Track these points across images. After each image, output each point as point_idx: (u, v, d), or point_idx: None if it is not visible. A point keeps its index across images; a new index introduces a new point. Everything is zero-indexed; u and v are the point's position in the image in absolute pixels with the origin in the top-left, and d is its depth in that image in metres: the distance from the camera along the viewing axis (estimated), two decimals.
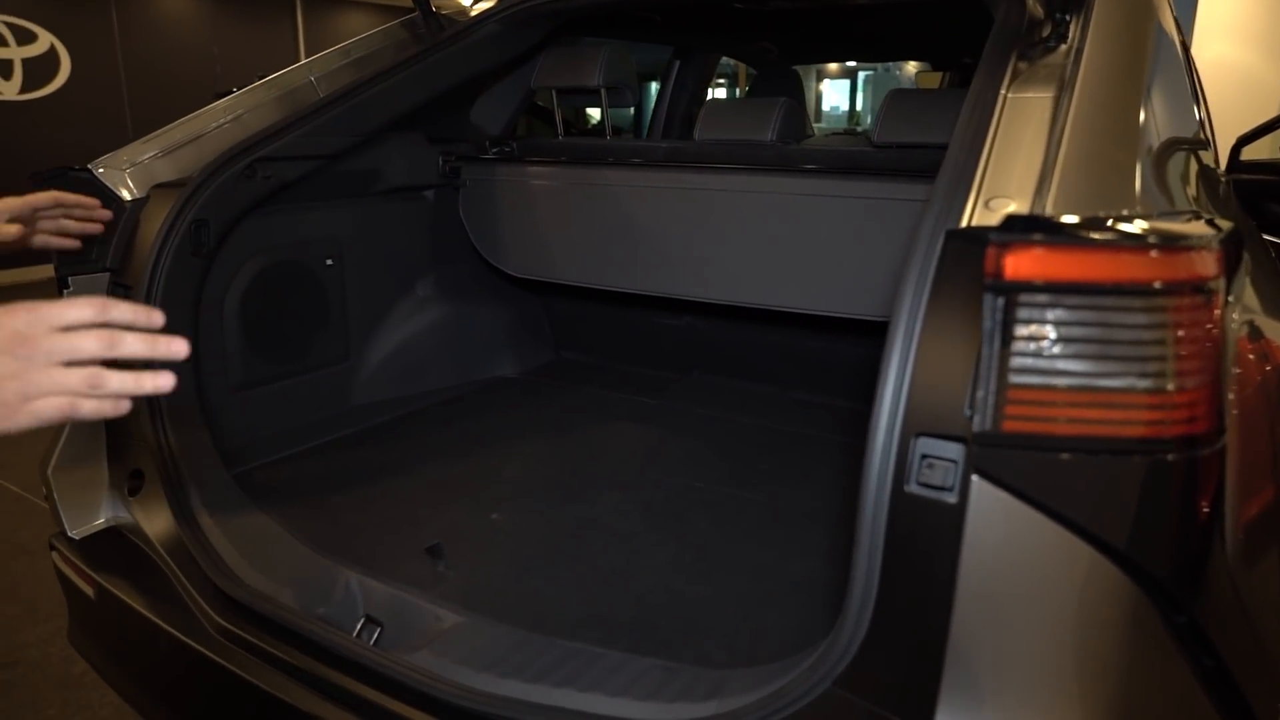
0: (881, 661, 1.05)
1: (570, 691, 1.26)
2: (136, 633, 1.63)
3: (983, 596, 0.96)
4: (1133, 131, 1.17)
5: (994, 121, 1.19)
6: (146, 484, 1.74)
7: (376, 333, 2.48)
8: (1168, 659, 1.00)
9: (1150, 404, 0.91)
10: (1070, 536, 0.93)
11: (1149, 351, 0.90)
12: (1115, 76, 1.25)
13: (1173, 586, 0.96)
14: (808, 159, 2.11)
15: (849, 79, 14.60)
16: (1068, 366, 0.90)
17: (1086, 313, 0.89)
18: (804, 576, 1.62)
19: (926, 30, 3.20)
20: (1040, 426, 0.91)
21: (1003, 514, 0.93)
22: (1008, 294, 0.89)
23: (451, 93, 2.35)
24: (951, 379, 0.97)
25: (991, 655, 0.97)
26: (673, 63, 3.66)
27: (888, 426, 1.02)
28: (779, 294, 2.17)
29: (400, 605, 1.49)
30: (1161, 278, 0.89)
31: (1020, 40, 1.39)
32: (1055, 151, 1.08)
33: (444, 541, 1.68)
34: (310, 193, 2.18)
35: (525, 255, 2.54)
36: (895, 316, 1.03)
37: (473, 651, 1.35)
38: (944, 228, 1.05)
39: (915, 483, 1.00)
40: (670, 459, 2.17)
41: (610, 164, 2.35)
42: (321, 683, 1.37)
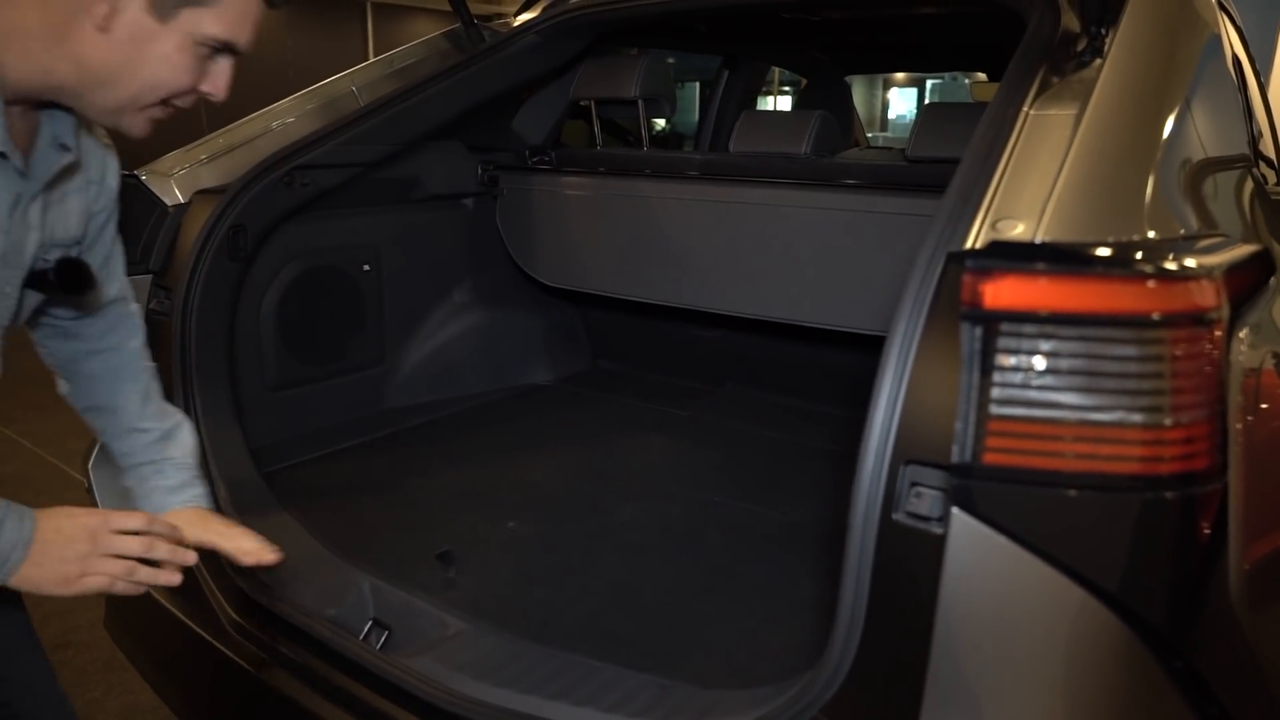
0: (867, 691, 1.03)
1: (563, 704, 1.26)
2: (160, 623, 1.68)
3: (963, 631, 0.93)
4: (1150, 151, 1.12)
5: (1013, 138, 1.15)
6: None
7: (412, 337, 2.52)
8: (1165, 705, 0.96)
9: (1144, 439, 0.88)
10: (1056, 575, 0.90)
11: (1142, 385, 0.87)
12: (1136, 93, 1.20)
13: (1167, 630, 0.92)
14: (841, 173, 2.08)
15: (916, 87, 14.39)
16: (1053, 399, 0.87)
17: (1074, 344, 0.86)
18: (814, 598, 1.59)
19: (975, 41, 3.13)
20: (1024, 460, 0.88)
21: (984, 548, 0.91)
22: (986, 323, 0.86)
23: (491, 102, 2.38)
24: (941, 407, 0.95)
25: (972, 693, 0.94)
26: (721, 72, 3.65)
27: (878, 452, 1.00)
28: (809, 309, 2.14)
29: (409, 609, 1.52)
30: (1156, 309, 0.86)
31: (1052, 54, 1.34)
32: (1058, 173, 1.04)
33: (459, 547, 1.70)
34: (349, 199, 2.23)
35: (559, 264, 2.56)
36: (890, 338, 1.01)
37: (472, 659, 1.37)
38: (946, 249, 1.02)
39: (903, 511, 0.98)
40: (694, 472, 2.16)
41: (646, 176, 2.35)
42: (324, 683, 1.39)
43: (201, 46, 1.02)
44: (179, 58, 1.01)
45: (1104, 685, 0.93)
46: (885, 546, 0.99)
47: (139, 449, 1.44)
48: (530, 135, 2.66)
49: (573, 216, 2.49)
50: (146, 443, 1.43)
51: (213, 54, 1.04)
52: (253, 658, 1.50)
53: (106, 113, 1.05)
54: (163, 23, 0.99)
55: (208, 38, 1.02)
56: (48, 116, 1.08)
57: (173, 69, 1.02)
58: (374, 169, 2.22)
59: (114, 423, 1.43)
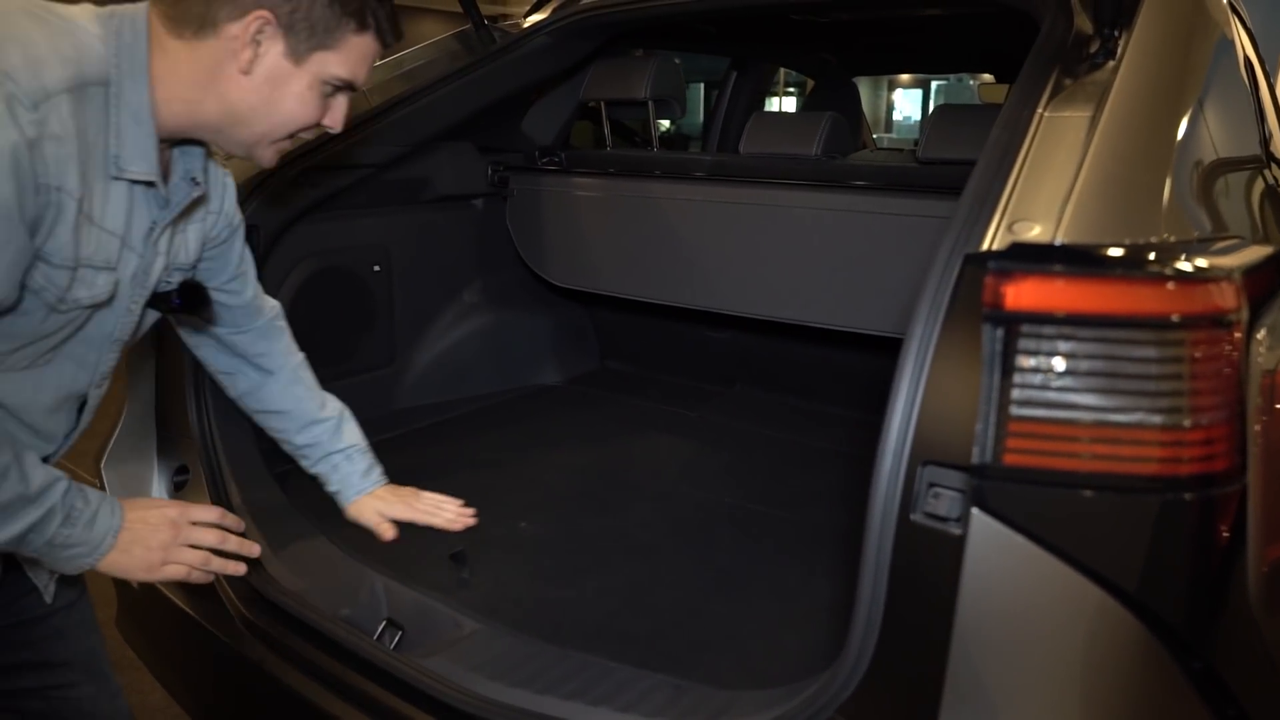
0: (885, 692, 1.04)
1: (578, 704, 1.26)
2: (172, 622, 1.68)
3: (982, 632, 0.94)
4: (1166, 153, 1.12)
5: (1027, 140, 1.16)
6: (191, 479, 1.80)
7: (422, 338, 2.53)
8: (1183, 706, 0.96)
9: (1164, 441, 0.88)
10: (1076, 575, 0.90)
11: (1162, 386, 0.87)
12: (1152, 95, 1.21)
13: (1186, 631, 0.93)
14: (852, 174, 2.08)
15: (921, 89, 14.38)
16: (1074, 400, 0.87)
17: (1095, 345, 0.86)
18: (827, 598, 1.59)
19: (985, 43, 3.13)
20: (1044, 461, 0.89)
21: (1004, 549, 0.91)
22: (1008, 324, 0.86)
23: (502, 103, 2.38)
24: (960, 408, 0.95)
25: (990, 692, 0.95)
26: (729, 73, 3.66)
27: (895, 452, 1.01)
28: (820, 311, 2.14)
29: (422, 610, 1.52)
30: (1176, 310, 0.86)
31: (1065, 56, 1.34)
32: (1076, 174, 1.04)
33: (471, 547, 1.70)
34: (360, 200, 2.23)
35: (569, 265, 2.56)
36: (907, 339, 1.02)
37: (487, 659, 1.37)
38: (963, 251, 1.02)
39: (920, 512, 0.98)
40: (704, 473, 2.16)
41: (656, 177, 2.36)
42: (339, 682, 1.40)
43: (326, 85, 1.14)
44: (309, 95, 1.13)
45: (1123, 686, 0.94)
46: (903, 547, 1.00)
47: (324, 439, 1.64)
48: (540, 136, 2.66)
49: (583, 217, 2.49)
50: (328, 432, 1.64)
51: (335, 91, 1.16)
52: (266, 657, 1.51)
53: (242, 146, 1.16)
54: (296, 65, 1.10)
55: (333, 77, 1.13)
56: (181, 153, 1.18)
57: (303, 106, 1.13)
58: (385, 170, 2.23)
59: (291, 421, 1.62)
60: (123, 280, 1.13)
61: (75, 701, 1.32)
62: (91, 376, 1.20)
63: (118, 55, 1.03)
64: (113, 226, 1.08)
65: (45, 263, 1.01)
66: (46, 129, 0.94)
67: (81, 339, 1.14)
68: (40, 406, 1.15)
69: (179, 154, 1.18)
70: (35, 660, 1.29)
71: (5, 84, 0.91)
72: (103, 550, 1.12)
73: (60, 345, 1.12)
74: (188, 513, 1.22)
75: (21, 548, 1.07)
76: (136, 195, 1.10)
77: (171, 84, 1.07)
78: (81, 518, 1.09)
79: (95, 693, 1.34)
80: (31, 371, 1.11)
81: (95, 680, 1.35)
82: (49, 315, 1.06)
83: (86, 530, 1.10)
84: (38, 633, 1.29)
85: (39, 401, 1.14)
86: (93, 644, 1.37)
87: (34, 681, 1.29)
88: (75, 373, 1.16)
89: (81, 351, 1.15)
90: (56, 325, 1.08)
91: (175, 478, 1.83)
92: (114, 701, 1.38)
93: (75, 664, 1.32)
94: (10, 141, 0.90)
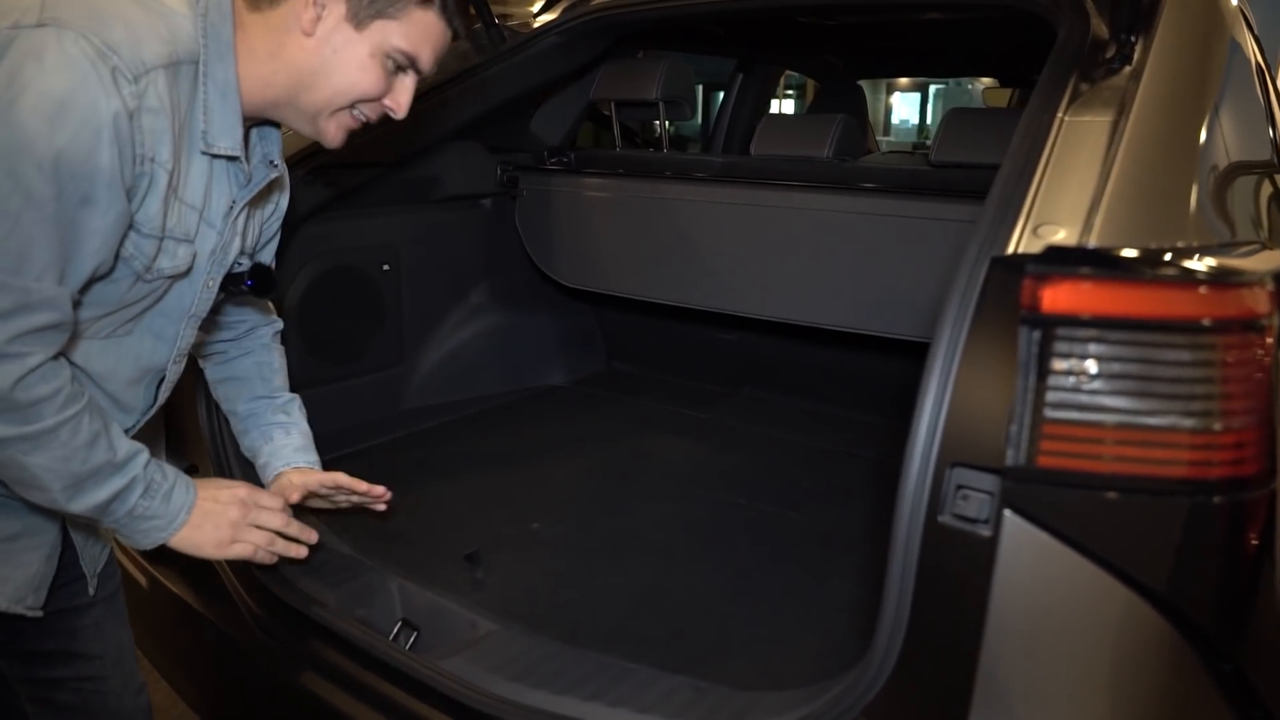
0: (911, 694, 1.04)
1: (598, 706, 1.26)
2: (182, 623, 1.68)
3: (1012, 634, 0.94)
4: (1190, 158, 1.13)
5: (1049, 145, 1.16)
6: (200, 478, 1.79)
7: (430, 338, 2.52)
8: (1211, 709, 0.97)
9: (1195, 444, 0.88)
10: (1107, 577, 0.91)
11: (1194, 390, 0.87)
12: (1175, 100, 1.21)
13: (1216, 634, 0.93)
14: (864, 177, 2.09)
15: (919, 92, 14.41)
16: (1108, 403, 0.87)
17: (1128, 349, 0.87)
18: (843, 600, 1.60)
19: (993, 47, 3.14)
20: (1077, 463, 0.89)
21: (1035, 551, 0.91)
22: (1045, 327, 0.87)
23: (511, 103, 2.38)
24: (990, 410, 0.95)
25: (1021, 695, 0.95)
26: (735, 75, 3.66)
27: (923, 454, 1.00)
28: (832, 313, 2.14)
29: (437, 610, 1.51)
30: (1209, 314, 0.86)
31: (1082, 61, 1.35)
32: (1105, 179, 1.05)
33: (484, 548, 1.70)
34: (369, 199, 2.23)
35: (578, 266, 2.55)
36: (935, 342, 1.02)
37: (505, 660, 1.37)
38: (989, 254, 1.03)
39: (949, 513, 0.98)
40: (715, 475, 2.16)
41: (666, 177, 2.36)
42: (355, 683, 1.39)
43: (389, 59, 1.14)
44: (370, 64, 1.13)
45: (1153, 689, 0.94)
46: (930, 549, 1.00)
47: (268, 411, 1.59)
48: (548, 136, 2.66)
49: (592, 218, 2.49)
50: (275, 406, 1.59)
51: (397, 69, 1.16)
52: (278, 656, 1.50)
53: (307, 118, 1.17)
54: (358, 30, 1.11)
55: (394, 49, 1.13)
56: (259, 136, 1.24)
57: (365, 74, 1.13)
58: (394, 169, 2.22)
59: (245, 389, 1.58)
60: (200, 254, 1.17)
61: (102, 695, 1.33)
62: (170, 352, 1.23)
63: (205, 34, 1.07)
64: (192, 200, 1.12)
65: (136, 231, 1.06)
66: (145, 101, 0.99)
67: (160, 311, 1.18)
68: (121, 377, 1.19)
69: (257, 137, 1.23)
70: (73, 651, 1.31)
71: (110, 58, 0.95)
72: (178, 524, 1.17)
73: (140, 316, 1.16)
74: (255, 495, 1.29)
75: (104, 517, 1.11)
76: (216, 172, 1.15)
77: (250, 59, 1.11)
78: (160, 490, 1.14)
79: (122, 688, 1.35)
80: (112, 341, 1.15)
81: (123, 675, 1.36)
82: (135, 284, 1.10)
83: (164, 503, 1.15)
84: (79, 622, 1.31)
85: (120, 372, 1.18)
86: (124, 638, 1.39)
87: (68, 672, 1.30)
88: (154, 346, 1.21)
89: (161, 324, 1.19)
90: (140, 294, 1.12)
91: None
92: (137, 698, 1.39)
93: (107, 658, 1.33)
94: (113, 111, 0.95)
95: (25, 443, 1.00)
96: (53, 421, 1.01)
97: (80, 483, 1.06)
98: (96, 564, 1.30)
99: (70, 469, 1.04)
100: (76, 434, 1.04)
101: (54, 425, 1.01)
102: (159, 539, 1.17)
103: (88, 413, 1.05)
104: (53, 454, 1.02)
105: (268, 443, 1.57)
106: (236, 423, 1.62)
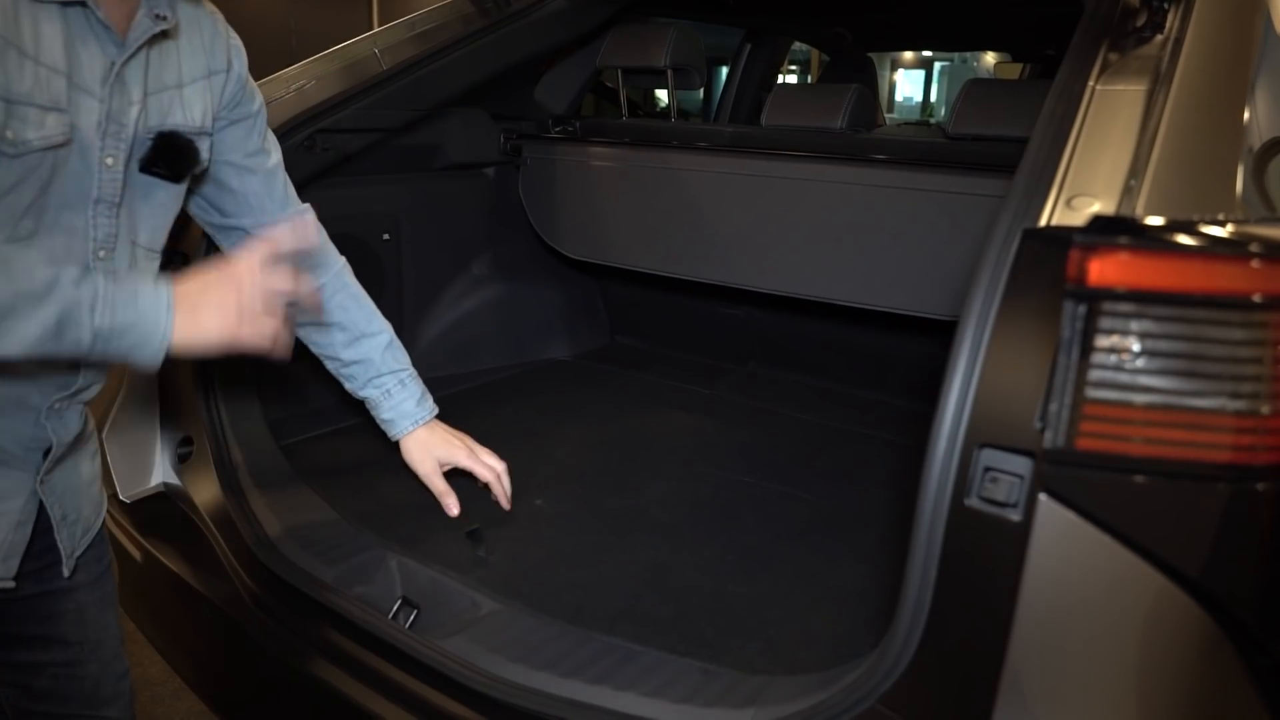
0: (931, 682, 1.00)
1: (605, 689, 1.22)
2: (177, 597, 1.64)
3: (1044, 622, 0.90)
4: (1235, 130, 1.08)
5: (1080, 115, 1.12)
6: (196, 451, 1.75)
7: (431, 310, 2.47)
8: (1246, 703, 0.93)
9: (1240, 427, 0.84)
10: (1144, 565, 0.87)
11: (1243, 370, 0.83)
12: (1217, 71, 1.16)
13: (1255, 625, 0.89)
14: (878, 149, 2.03)
15: (924, 69, 14.27)
16: (1151, 383, 0.83)
17: (1176, 325, 0.82)
18: (853, 583, 1.56)
19: (1009, 19, 3.07)
20: (1117, 446, 0.84)
21: (1071, 537, 0.87)
22: (1090, 301, 0.82)
23: (516, 69, 2.32)
24: (1022, 389, 0.91)
25: (1051, 685, 0.91)
26: (743, 46, 3.59)
27: (950, 435, 0.96)
28: (842, 288, 2.10)
29: (438, 589, 1.48)
30: (1262, 290, 0.82)
31: (1112, 30, 1.30)
32: (1148, 149, 1.00)
33: (486, 525, 1.66)
34: (370, 166, 2.17)
35: (583, 237, 2.50)
36: (964, 318, 0.97)
37: (508, 641, 1.33)
38: (1021, 226, 0.98)
39: (976, 496, 0.94)
40: (721, 452, 2.12)
41: (674, 147, 2.30)
42: (353, 661, 1.36)
43: None
44: None
45: (1187, 681, 0.90)
46: (955, 533, 0.96)
47: (374, 358, 1.54)
48: (553, 104, 2.60)
49: (597, 188, 2.43)
50: (379, 350, 1.54)
51: None
52: (274, 633, 1.46)
53: None
54: None
55: None
56: None
57: None
58: (396, 135, 2.16)
59: (338, 334, 1.52)
60: (83, 127, 1.03)
61: (79, 680, 1.27)
62: (86, 247, 1.08)
63: None
64: (50, 61, 0.99)
65: None
66: None
67: (61, 202, 1.05)
68: None
69: None
70: (53, 636, 1.25)
71: None
72: (165, 326, 1.00)
73: (39, 213, 1.03)
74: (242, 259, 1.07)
75: (73, 351, 0.97)
76: (78, 28, 1.02)
77: None
78: (115, 300, 0.98)
79: (100, 673, 1.29)
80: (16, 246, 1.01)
81: (102, 661, 1.30)
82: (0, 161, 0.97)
83: (128, 312, 0.98)
84: (61, 607, 1.24)
85: None
86: (109, 623, 1.32)
87: (45, 657, 1.25)
88: (67, 243, 1.07)
89: (68, 218, 1.06)
90: (14, 177, 0.99)
91: (179, 449, 1.78)
92: (118, 684, 1.33)
93: (88, 643, 1.28)
94: None
95: None
96: None
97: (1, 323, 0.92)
98: (75, 543, 1.22)
99: None
100: None
101: None
102: (155, 350, 1.01)
103: None
104: None
105: (386, 398, 1.55)
106: (338, 368, 1.57)
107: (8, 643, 1.23)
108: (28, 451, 1.12)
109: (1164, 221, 0.88)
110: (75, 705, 1.28)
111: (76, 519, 1.22)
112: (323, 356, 1.58)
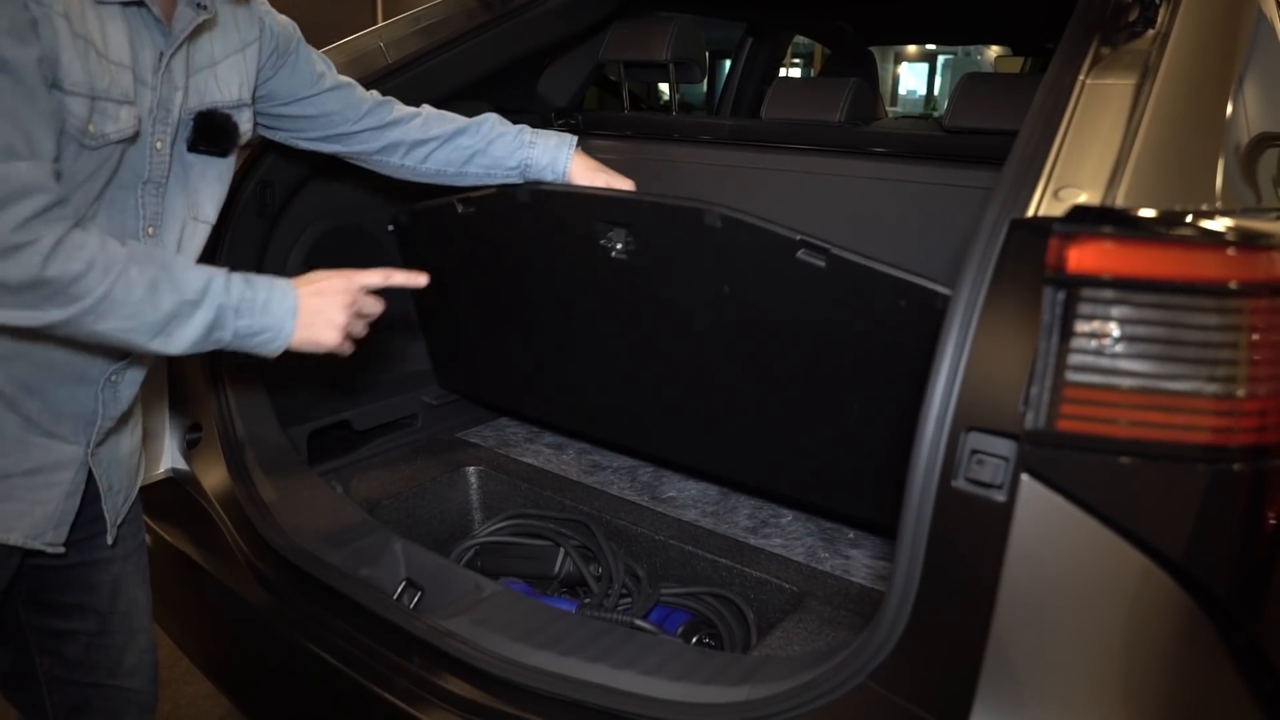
0: (919, 659, 1.03)
1: (603, 667, 1.26)
2: (185, 581, 1.68)
3: (1026, 599, 0.93)
4: (1217, 123, 1.10)
5: (1070, 107, 1.14)
6: (204, 437, 1.78)
7: None
8: (1222, 678, 0.96)
9: (1217, 410, 0.87)
10: (1123, 544, 0.89)
11: (1219, 354, 0.86)
12: (1202, 65, 1.18)
13: (1232, 603, 0.92)
14: (876, 142, 2.06)
15: (927, 62, 14.25)
16: (1130, 366, 0.86)
17: (1153, 311, 0.85)
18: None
19: (1009, 13, 3.09)
20: (1097, 428, 0.87)
21: (1052, 516, 0.90)
22: (1069, 288, 0.85)
23: (519, 63, 2.34)
24: (1007, 374, 0.94)
25: (1032, 661, 0.94)
26: (745, 40, 3.61)
27: (938, 418, 0.99)
28: None
29: (441, 571, 1.51)
30: (1237, 278, 0.85)
31: (1104, 24, 1.32)
32: (1131, 141, 1.02)
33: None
34: None
35: None
36: (952, 305, 1.00)
37: (509, 621, 1.36)
38: (1009, 216, 1.01)
39: (963, 478, 0.97)
40: None
41: (675, 140, 2.32)
42: (358, 641, 1.39)
43: None
44: None
45: (1168, 660, 0.93)
46: (943, 514, 0.98)
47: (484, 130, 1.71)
48: (556, 98, 2.62)
49: None
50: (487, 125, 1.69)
51: None
52: (281, 614, 1.50)
53: None
54: None
55: None
56: None
57: None
58: None
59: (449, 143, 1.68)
60: (142, 116, 1.12)
61: (106, 650, 1.33)
62: (137, 224, 1.18)
63: None
64: (118, 58, 1.07)
65: (59, 89, 1.00)
66: None
67: (119, 184, 1.14)
68: None
69: None
70: (88, 605, 1.31)
71: None
72: (288, 330, 1.17)
73: (101, 195, 1.12)
74: (354, 280, 1.25)
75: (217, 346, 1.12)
76: (135, 25, 1.10)
77: None
78: (254, 307, 1.13)
79: (125, 644, 1.35)
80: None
81: (133, 633, 1.36)
82: (80, 153, 1.05)
83: (263, 316, 1.14)
84: (99, 578, 1.31)
85: None
86: (140, 596, 1.38)
87: (81, 625, 1.31)
88: (122, 219, 1.16)
89: (122, 199, 1.15)
90: (91, 167, 1.08)
91: (188, 435, 1.81)
92: (142, 656, 1.38)
93: (118, 614, 1.33)
94: None
95: (87, 316, 1.00)
96: (102, 290, 1.00)
97: (165, 327, 1.06)
98: (118, 512, 1.28)
99: (146, 320, 1.04)
100: (131, 290, 1.02)
101: (104, 292, 1.00)
102: (277, 347, 1.18)
103: (134, 264, 1.03)
104: (120, 315, 1.02)
105: (529, 149, 1.69)
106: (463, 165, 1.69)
107: (47, 610, 1.29)
108: (84, 424, 1.18)
109: (1141, 211, 0.91)
110: (102, 674, 1.33)
111: (120, 489, 1.28)
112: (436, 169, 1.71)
